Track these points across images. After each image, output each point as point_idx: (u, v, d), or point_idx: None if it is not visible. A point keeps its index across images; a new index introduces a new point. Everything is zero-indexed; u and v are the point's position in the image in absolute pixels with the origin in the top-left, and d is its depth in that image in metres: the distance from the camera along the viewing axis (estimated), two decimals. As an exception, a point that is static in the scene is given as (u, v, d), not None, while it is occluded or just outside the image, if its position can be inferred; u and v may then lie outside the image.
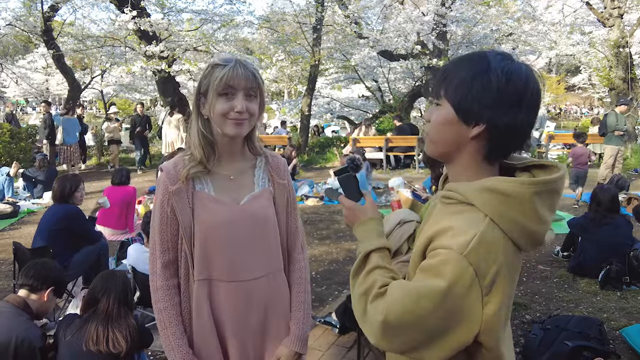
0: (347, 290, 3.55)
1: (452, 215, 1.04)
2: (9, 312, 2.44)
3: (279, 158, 1.62)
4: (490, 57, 1.02)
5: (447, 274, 0.95)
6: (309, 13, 12.91)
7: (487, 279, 0.96)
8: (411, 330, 0.99)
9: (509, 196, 0.99)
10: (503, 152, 1.07)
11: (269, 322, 1.54)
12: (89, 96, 21.56)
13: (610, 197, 4.56)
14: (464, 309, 0.97)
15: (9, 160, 9.47)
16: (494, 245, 0.97)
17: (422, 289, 0.97)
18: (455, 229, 0.98)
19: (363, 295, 1.08)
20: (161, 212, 1.45)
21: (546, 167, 1.07)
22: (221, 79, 1.38)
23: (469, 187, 1.04)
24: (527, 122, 1.02)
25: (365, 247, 1.16)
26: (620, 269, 4.27)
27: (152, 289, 1.48)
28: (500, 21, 14.11)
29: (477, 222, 0.99)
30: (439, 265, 0.97)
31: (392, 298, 1.01)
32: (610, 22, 12.44)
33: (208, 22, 13.98)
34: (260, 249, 1.50)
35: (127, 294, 2.49)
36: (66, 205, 4.08)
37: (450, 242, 0.97)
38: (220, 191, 1.48)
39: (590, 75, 19.67)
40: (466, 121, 1.03)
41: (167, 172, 1.46)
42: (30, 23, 12.93)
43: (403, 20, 12.37)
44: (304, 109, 13.69)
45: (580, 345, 2.98)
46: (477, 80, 1.00)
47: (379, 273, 1.10)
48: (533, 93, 1.01)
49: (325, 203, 8.01)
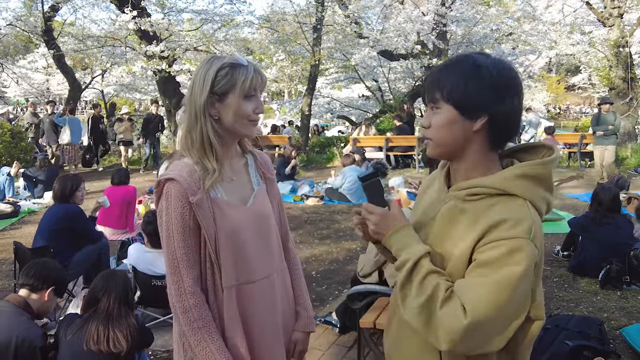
0: (347, 289, 3.55)
1: (489, 209, 1.09)
2: (10, 312, 2.44)
3: (263, 154, 1.64)
4: (475, 57, 1.12)
5: (522, 260, 1.02)
6: (309, 13, 12.90)
7: (541, 257, 1.08)
8: (493, 325, 1.03)
9: (538, 178, 1.11)
10: (504, 140, 1.16)
11: (285, 314, 1.59)
12: (90, 96, 21.53)
13: (612, 197, 4.55)
14: (529, 289, 1.07)
15: (10, 160, 9.47)
16: (540, 227, 1.09)
17: (503, 281, 1.02)
18: (511, 219, 1.05)
19: (427, 303, 1.06)
20: (183, 225, 1.36)
21: (533, 149, 1.20)
22: (250, 82, 1.39)
23: (500, 177, 1.11)
24: (519, 107, 1.13)
25: (412, 255, 1.12)
26: (620, 268, 4.27)
27: (182, 310, 1.37)
28: (500, 21, 14.12)
29: (524, 209, 1.08)
30: (510, 254, 1.02)
31: (474, 296, 1.02)
32: (610, 21, 12.44)
33: (208, 22, 13.99)
34: (268, 245, 1.53)
35: (128, 294, 2.49)
36: (67, 205, 4.08)
37: (513, 231, 1.03)
38: (229, 194, 1.46)
39: (590, 75, 19.66)
40: (469, 117, 1.11)
41: (184, 182, 1.36)
42: (30, 23, 12.95)
43: (403, 20, 12.38)
44: (304, 109, 13.70)
45: (581, 344, 2.98)
46: (472, 77, 1.09)
47: (437, 277, 1.08)
48: (517, 81, 1.12)
49: (326, 203, 8.01)
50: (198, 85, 1.40)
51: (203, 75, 1.40)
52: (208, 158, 1.40)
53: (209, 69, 1.39)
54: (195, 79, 1.42)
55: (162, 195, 1.40)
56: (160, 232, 1.42)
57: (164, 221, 1.39)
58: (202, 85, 1.39)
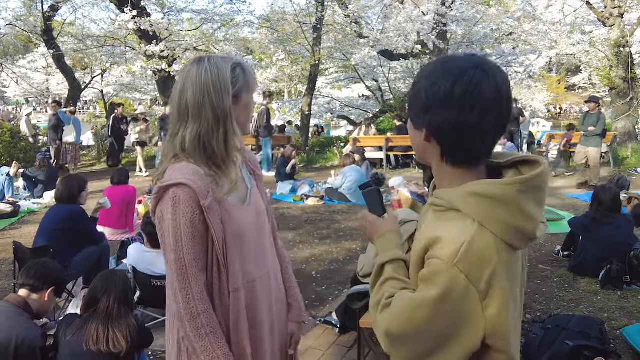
0: (347, 289, 3.55)
1: (442, 223, 1.05)
2: (10, 312, 2.44)
3: (249, 150, 1.65)
4: (434, 64, 1.06)
5: (439, 283, 0.98)
6: (309, 13, 12.90)
7: (481, 282, 0.97)
8: (415, 340, 1.03)
9: (494, 198, 1.00)
10: (459, 152, 1.06)
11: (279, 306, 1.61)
12: (89, 96, 21.53)
13: (612, 197, 4.55)
14: (463, 314, 0.99)
15: (10, 160, 9.48)
16: (485, 249, 0.98)
17: (417, 299, 1.01)
18: (445, 239, 1.00)
19: (375, 306, 1.12)
20: (192, 231, 1.33)
21: (530, 162, 1.07)
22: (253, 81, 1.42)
23: (454, 193, 1.05)
24: (463, 120, 1.00)
25: (381, 259, 1.19)
26: (620, 268, 4.27)
27: (189, 317, 1.34)
28: (500, 21, 14.10)
29: (466, 229, 1.00)
30: (431, 276, 1.00)
31: (394, 309, 1.06)
32: (610, 21, 12.43)
33: (208, 21, 13.99)
34: (265, 241, 1.56)
35: (128, 294, 2.49)
36: (70, 206, 4.08)
37: (440, 252, 0.99)
38: (233, 195, 1.46)
39: (591, 74, 19.68)
40: (417, 126, 1.09)
41: (195, 187, 1.32)
42: (30, 23, 12.94)
43: (403, 19, 12.36)
44: (304, 109, 13.70)
45: (581, 344, 2.98)
46: (413, 89, 1.08)
47: (390, 284, 1.13)
48: (467, 91, 0.99)
49: (326, 203, 8.01)
50: (215, 90, 1.34)
51: (217, 77, 1.34)
52: (228, 166, 1.39)
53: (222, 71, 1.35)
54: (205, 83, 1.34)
55: (165, 200, 1.34)
56: (160, 237, 1.38)
57: (170, 226, 1.33)
58: (221, 90, 1.34)
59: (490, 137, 1.04)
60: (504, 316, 1.00)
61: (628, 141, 12.11)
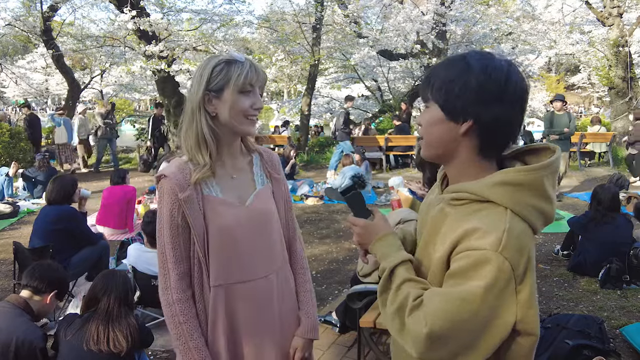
0: (347, 289, 3.55)
1: (470, 215, 1.05)
2: (10, 313, 2.44)
3: (272, 153, 1.63)
4: (469, 57, 1.08)
5: (487, 274, 0.97)
6: (309, 12, 12.90)
7: (520, 268, 1.01)
8: (457, 336, 1.01)
9: (522, 185, 1.05)
10: (495, 147, 1.11)
11: (283, 316, 1.55)
12: (89, 96, 21.51)
13: (611, 196, 4.56)
14: (502, 303, 1.00)
15: (9, 160, 9.47)
16: (521, 235, 1.02)
17: (464, 293, 0.99)
18: (483, 228, 1.01)
19: (398, 311, 1.07)
20: (171, 221, 1.39)
21: (537, 151, 1.13)
22: (245, 76, 1.38)
23: (481, 184, 1.07)
24: (512, 116, 1.06)
25: (389, 263, 1.14)
26: (620, 267, 4.27)
27: (166, 303, 1.41)
28: (499, 20, 14.12)
29: (501, 217, 1.03)
30: (475, 267, 0.99)
31: (434, 307, 1.01)
32: (609, 21, 12.45)
33: (207, 21, 13.97)
34: (267, 246, 1.51)
35: (128, 294, 2.49)
36: (60, 207, 4.03)
37: (481, 242, 0.99)
38: (226, 192, 1.45)
39: (590, 74, 19.68)
40: (454, 119, 1.07)
41: (174, 179, 1.39)
42: (29, 23, 12.92)
43: (402, 19, 12.36)
44: (303, 109, 13.69)
45: (581, 343, 2.98)
46: (459, 79, 1.06)
47: (410, 286, 1.09)
48: (515, 88, 1.05)
49: (325, 202, 8.01)
50: (195, 83, 1.42)
51: (200, 73, 1.41)
52: (201, 153, 1.41)
53: (206, 66, 1.41)
54: (193, 77, 1.44)
55: (159, 192, 1.45)
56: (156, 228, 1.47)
57: (158, 216, 1.44)
58: (198, 82, 1.40)
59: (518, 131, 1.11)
60: (533, 299, 1.04)
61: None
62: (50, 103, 30.16)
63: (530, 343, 1.07)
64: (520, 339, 1.06)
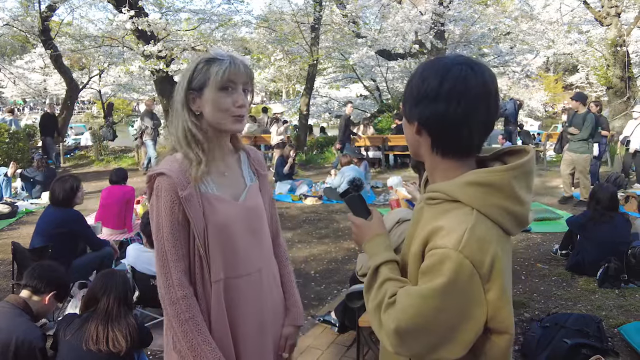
0: (346, 289, 3.55)
1: (440, 214, 1.09)
2: (10, 313, 2.44)
3: (257, 151, 1.66)
4: (421, 64, 1.15)
5: (446, 271, 1.00)
6: (307, 12, 12.90)
7: (484, 267, 1.02)
8: (425, 332, 1.04)
9: (491, 186, 1.06)
10: (449, 145, 1.11)
11: (273, 308, 1.59)
12: (87, 96, 21.51)
13: (609, 196, 4.57)
14: (469, 300, 1.02)
15: (7, 160, 9.46)
16: (485, 235, 1.03)
17: (425, 291, 1.03)
18: (446, 227, 1.04)
19: (377, 308, 1.12)
20: (171, 219, 1.39)
21: (516, 152, 1.15)
22: (223, 73, 1.38)
23: (451, 184, 1.10)
24: (452, 114, 1.06)
25: (374, 262, 1.19)
26: (618, 267, 4.28)
27: (169, 302, 1.39)
28: (498, 20, 14.13)
29: (466, 217, 1.05)
30: (436, 265, 1.02)
31: (401, 305, 1.05)
32: (607, 20, 12.47)
33: (206, 21, 13.97)
34: (259, 240, 1.55)
35: (127, 293, 2.49)
36: (65, 210, 3.98)
37: (444, 241, 1.02)
38: (221, 189, 1.48)
39: (588, 74, 19.71)
40: (409, 121, 1.15)
41: (174, 177, 1.39)
42: (27, 23, 12.89)
43: (401, 19, 12.37)
44: (302, 109, 13.70)
45: (579, 342, 2.98)
46: (407, 85, 1.15)
47: (389, 284, 1.13)
48: (452, 87, 1.06)
49: (324, 202, 8.01)
50: (180, 82, 1.44)
51: (184, 73, 1.44)
52: (192, 149, 1.42)
53: (190, 65, 1.44)
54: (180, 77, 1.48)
55: (154, 190, 1.42)
56: (152, 227, 1.43)
57: (153, 214, 1.42)
58: (181, 82, 1.43)
59: (478, 130, 1.09)
60: (504, 299, 1.05)
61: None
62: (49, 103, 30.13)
63: (505, 342, 1.09)
64: (494, 338, 1.08)
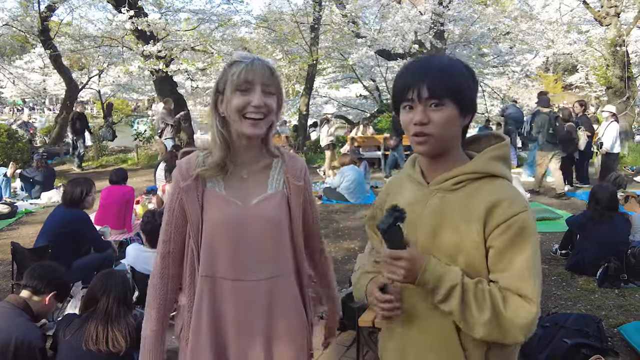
0: (345, 288, 3.55)
1: (478, 191, 1.20)
2: (10, 313, 2.44)
3: (297, 159, 1.57)
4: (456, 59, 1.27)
5: (532, 228, 1.16)
6: (307, 12, 12.90)
7: None
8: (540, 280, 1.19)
9: (504, 158, 1.26)
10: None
11: (273, 324, 1.50)
12: (87, 96, 21.47)
13: (609, 196, 4.57)
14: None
15: (7, 160, 9.45)
16: None
17: (532, 256, 1.14)
18: (506, 198, 1.17)
19: (492, 314, 1.12)
20: (170, 205, 1.48)
21: (475, 141, 1.35)
22: (239, 73, 1.37)
23: (479, 163, 1.23)
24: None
25: (454, 280, 1.15)
26: (618, 266, 4.28)
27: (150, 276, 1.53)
28: (497, 20, 14.11)
29: (508, 185, 1.22)
30: (524, 229, 1.14)
31: (527, 285, 1.13)
32: (607, 20, 12.47)
33: (205, 21, 13.97)
34: (268, 251, 1.47)
35: (127, 293, 2.49)
36: (73, 210, 4.04)
37: (514, 208, 1.15)
38: (231, 190, 1.45)
39: (587, 74, 19.71)
40: (464, 114, 1.23)
41: (179, 168, 1.48)
42: (27, 23, 12.88)
43: (400, 19, 12.36)
44: (301, 109, 13.70)
45: (579, 342, 2.98)
46: (469, 79, 1.23)
47: (482, 288, 1.15)
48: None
49: (324, 202, 8.01)
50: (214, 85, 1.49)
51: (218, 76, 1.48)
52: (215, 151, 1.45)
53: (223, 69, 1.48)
54: None
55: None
56: None
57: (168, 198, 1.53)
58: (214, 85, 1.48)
59: None
60: None
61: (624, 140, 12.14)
62: (48, 103, 30.13)
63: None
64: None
